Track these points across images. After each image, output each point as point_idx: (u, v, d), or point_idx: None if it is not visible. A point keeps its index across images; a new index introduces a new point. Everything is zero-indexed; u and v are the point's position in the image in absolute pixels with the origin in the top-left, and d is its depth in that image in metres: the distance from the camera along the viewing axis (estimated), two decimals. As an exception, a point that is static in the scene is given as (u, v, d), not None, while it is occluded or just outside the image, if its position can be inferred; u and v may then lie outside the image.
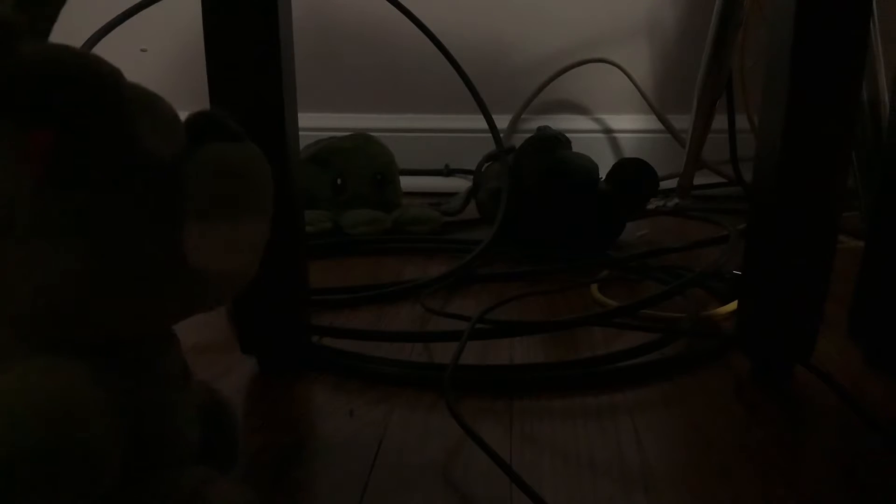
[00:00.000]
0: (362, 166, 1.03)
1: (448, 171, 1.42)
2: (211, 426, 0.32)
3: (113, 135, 0.24)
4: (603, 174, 0.90)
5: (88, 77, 0.24)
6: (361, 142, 1.05)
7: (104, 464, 0.23)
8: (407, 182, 1.14)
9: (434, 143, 1.46)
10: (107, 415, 0.24)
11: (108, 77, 0.25)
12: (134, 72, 0.26)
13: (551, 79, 1.44)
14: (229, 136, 0.27)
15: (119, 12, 0.84)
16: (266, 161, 0.28)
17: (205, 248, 0.25)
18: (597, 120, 1.48)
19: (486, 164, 1.02)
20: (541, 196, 0.86)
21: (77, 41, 0.77)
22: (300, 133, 0.51)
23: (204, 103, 0.46)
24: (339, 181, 1.02)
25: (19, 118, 0.23)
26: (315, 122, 1.32)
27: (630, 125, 1.47)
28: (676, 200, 1.20)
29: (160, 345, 0.29)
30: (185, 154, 0.25)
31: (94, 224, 0.24)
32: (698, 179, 1.24)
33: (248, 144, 0.27)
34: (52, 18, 0.25)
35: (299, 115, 0.50)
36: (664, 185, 1.20)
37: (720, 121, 1.19)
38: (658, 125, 1.43)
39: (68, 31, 0.29)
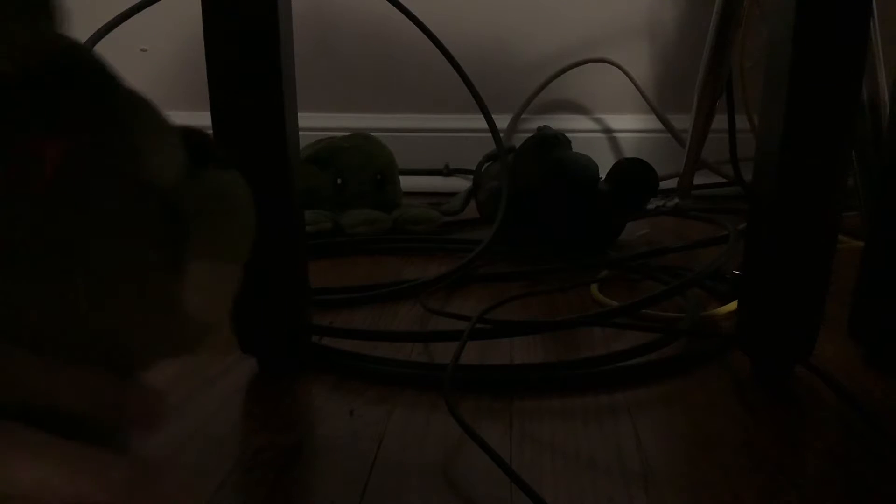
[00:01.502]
0: (362, 166, 1.03)
1: (448, 171, 1.42)
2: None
3: (118, 151, 0.22)
4: (603, 174, 0.90)
5: (99, 82, 0.22)
6: (361, 142, 1.05)
7: None
8: (407, 182, 1.14)
9: (434, 143, 1.46)
10: None
11: (116, 84, 0.23)
12: (134, 72, 0.25)
13: (551, 79, 1.44)
14: (219, 161, 0.24)
15: (119, 12, 0.84)
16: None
17: (203, 293, 0.23)
18: (597, 120, 1.48)
19: (486, 164, 1.02)
20: (541, 196, 0.86)
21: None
22: (300, 133, 0.51)
23: (204, 103, 0.47)
24: (339, 181, 1.02)
25: (29, 127, 0.21)
26: (315, 122, 1.32)
27: (630, 125, 1.47)
28: (676, 200, 1.20)
29: None
30: (185, 180, 0.23)
31: (90, 252, 0.21)
32: (698, 179, 1.24)
33: (238, 174, 0.24)
34: None
35: (299, 115, 0.51)
36: (664, 185, 1.20)
37: (720, 121, 1.19)
38: (658, 125, 1.43)
39: (68, 31, 0.28)
